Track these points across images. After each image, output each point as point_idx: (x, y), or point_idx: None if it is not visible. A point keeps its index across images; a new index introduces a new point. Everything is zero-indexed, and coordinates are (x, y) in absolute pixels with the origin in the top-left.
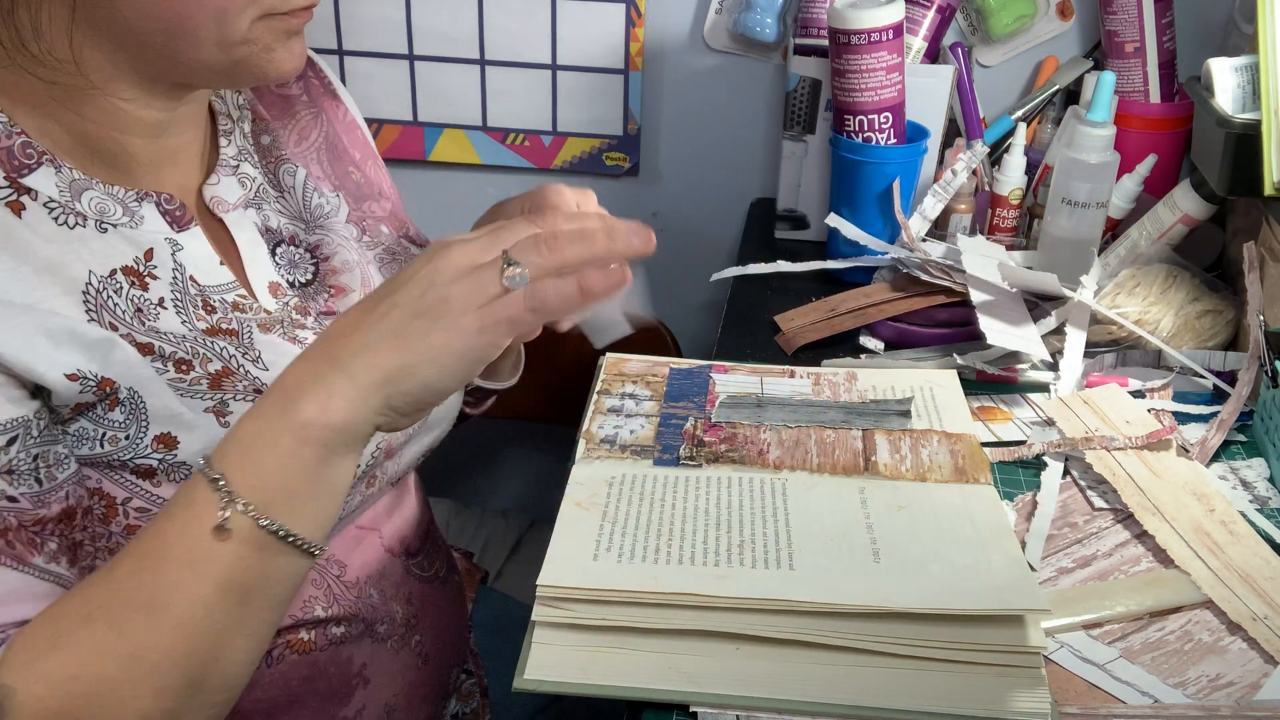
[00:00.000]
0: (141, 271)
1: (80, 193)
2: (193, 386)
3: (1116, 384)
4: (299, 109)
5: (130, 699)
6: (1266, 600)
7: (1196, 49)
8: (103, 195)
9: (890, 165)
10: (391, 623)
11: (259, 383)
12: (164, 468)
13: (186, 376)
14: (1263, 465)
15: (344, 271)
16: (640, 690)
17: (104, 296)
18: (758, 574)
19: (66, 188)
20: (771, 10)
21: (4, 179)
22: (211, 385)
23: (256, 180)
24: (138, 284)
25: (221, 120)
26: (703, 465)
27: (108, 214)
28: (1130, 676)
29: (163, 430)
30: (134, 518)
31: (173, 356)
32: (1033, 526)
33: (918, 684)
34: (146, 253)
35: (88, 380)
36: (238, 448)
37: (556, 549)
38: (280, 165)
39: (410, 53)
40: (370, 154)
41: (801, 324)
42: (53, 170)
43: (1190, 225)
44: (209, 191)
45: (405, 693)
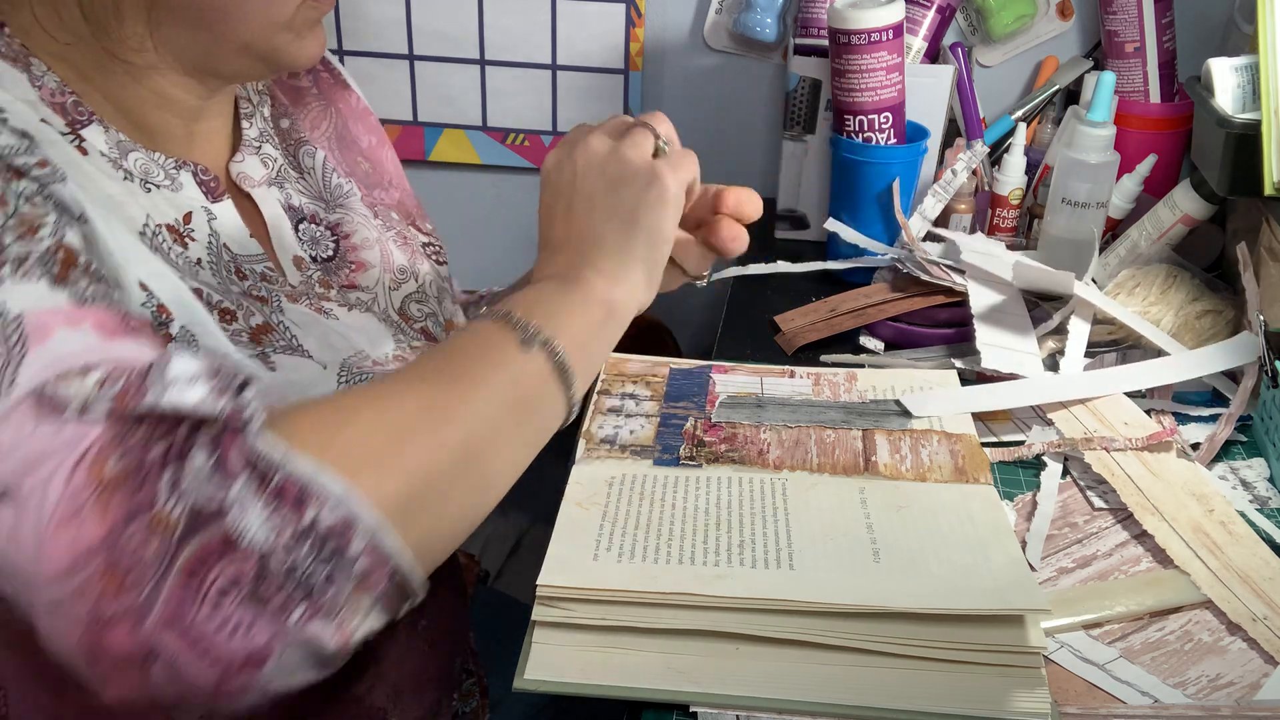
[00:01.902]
0: (182, 232)
1: (126, 153)
2: (234, 338)
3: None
4: (309, 100)
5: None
6: (1266, 600)
7: (1196, 49)
8: (145, 158)
9: (890, 165)
10: None
11: (295, 341)
12: None
13: (230, 326)
14: (1263, 465)
15: (364, 248)
16: (640, 690)
17: (158, 239)
18: (757, 574)
19: (114, 146)
20: (771, 10)
21: (66, 125)
22: (252, 338)
23: (278, 161)
24: (179, 242)
25: (243, 104)
26: (703, 465)
27: (151, 175)
28: (1130, 676)
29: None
30: None
31: (219, 305)
32: (1033, 526)
33: (918, 684)
34: (185, 215)
35: (152, 296)
36: (541, 307)
37: (556, 549)
38: (300, 147)
39: (410, 53)
40: (382, 139)
41: (801, 324)
42: (102, 129)
43: (1190, 225)
44: (235, 168)
45: (412, 676)
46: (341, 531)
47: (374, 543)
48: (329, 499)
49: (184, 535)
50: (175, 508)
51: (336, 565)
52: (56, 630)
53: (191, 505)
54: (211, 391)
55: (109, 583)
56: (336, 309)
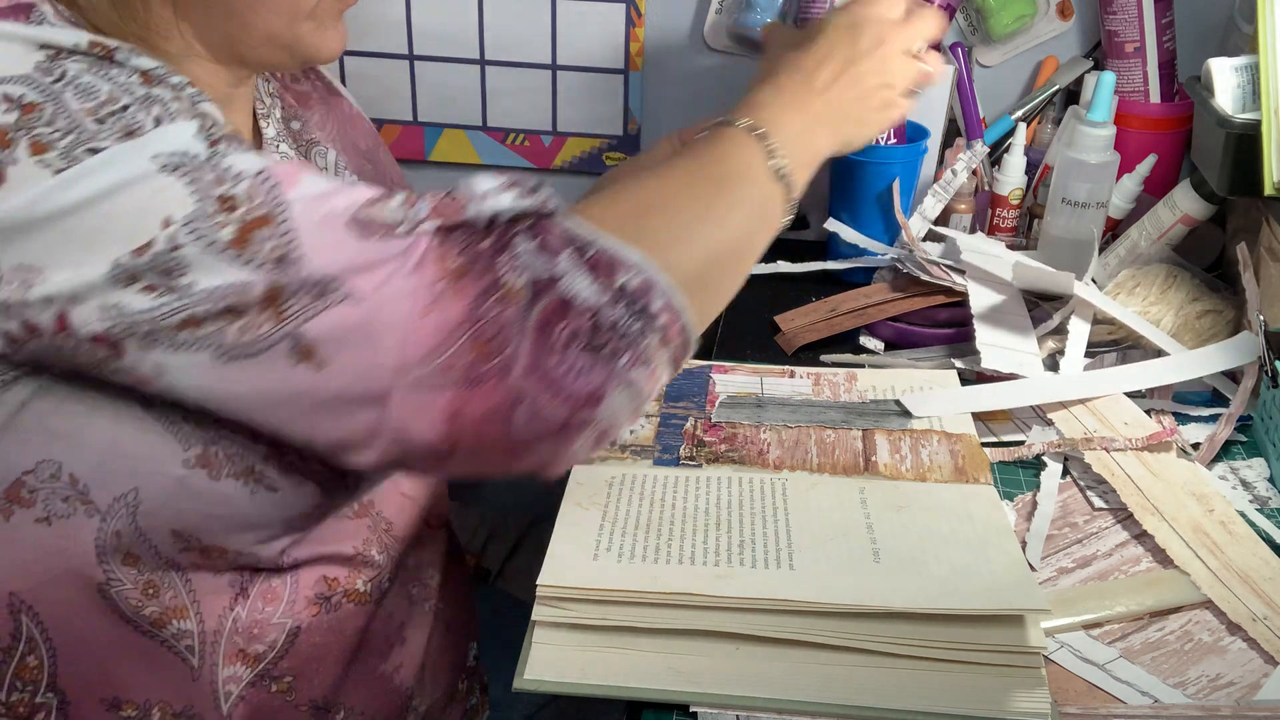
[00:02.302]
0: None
1: None
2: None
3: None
4: (314, 104)
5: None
6: (1266, 600)
7: (1196, 49)
8: None
9: (890, 165)
10: (424, 587)
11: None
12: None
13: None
14: (1263, 465)
15: None
16: (640, 690)
17: None
18: (758, 574)
19: None
20: (771, 10)
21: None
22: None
23: (294, 159)
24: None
25: (258, 104)
26: (703, 465)
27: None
28: (1130, 676)
29: None
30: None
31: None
32: (1033, 526)
33: (918, 684)
34: None
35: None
36: (792, 147)
37: (556, 549)
38: (312, 148)
39: (410, 53)
40: (378, 142)
41: (801, 324)
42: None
43: (1190, 225)
44: None
45: (434, 658)
46: (645, 291)
47: (669, 301)
48: (633, 266)
49: (531, 301)
50: (519, 280)
51: (645, 320)
52: (415, 409)
53: (531, 277)
54: (518, 195)
55: (478, 349)
56: None
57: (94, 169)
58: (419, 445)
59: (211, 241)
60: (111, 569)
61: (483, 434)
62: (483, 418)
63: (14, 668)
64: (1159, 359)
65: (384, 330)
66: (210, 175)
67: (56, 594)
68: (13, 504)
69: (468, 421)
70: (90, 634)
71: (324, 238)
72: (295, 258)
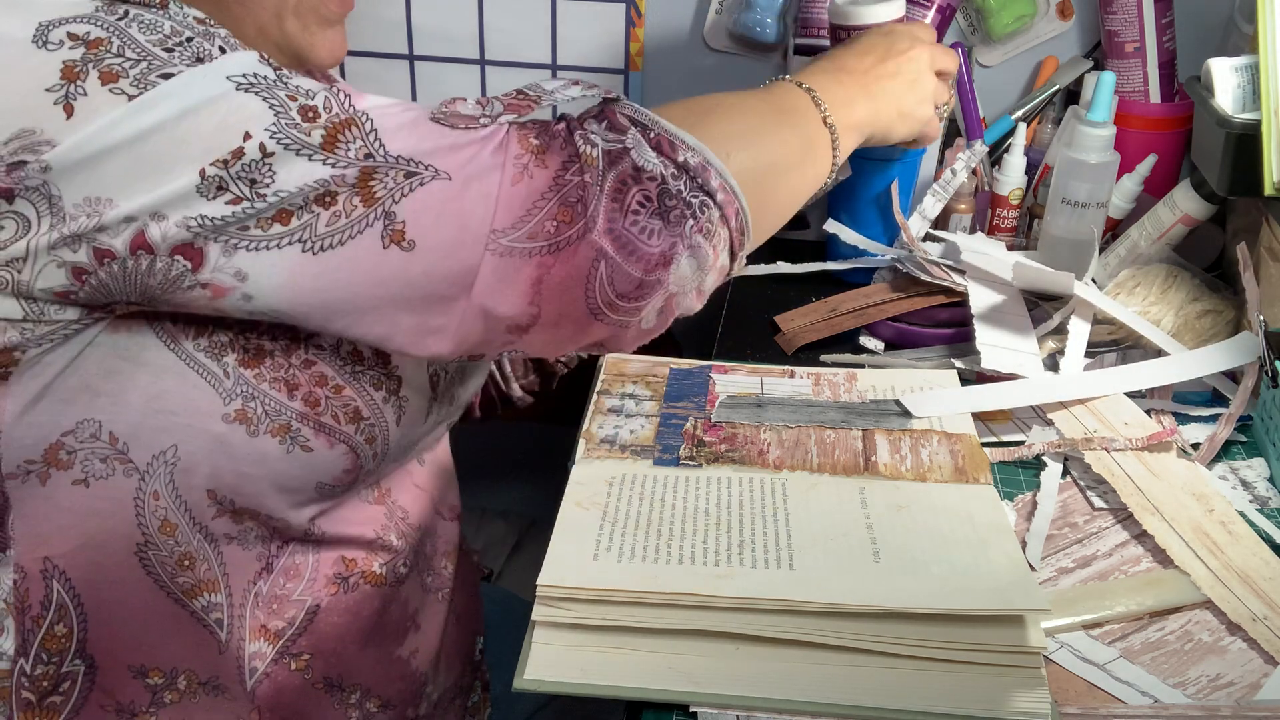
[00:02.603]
0: None
1: None
2: None
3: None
4: None
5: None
6: (1266, 600)
7: (1196, 49)
8: None
9: (891, 165)
10: (438, 576)
11: None
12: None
13: None
14: (1263, 465)
15: None
16: (640, 690)
17: None
18: (758, 574)
19: None
20: (771, 10)
21: None
22: None
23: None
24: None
25: None
26: (703, 465)
27: None
28: (1130, 676)
29: None
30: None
31: None
32: (1033, 526)
33: (918, 684)
34: None
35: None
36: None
37: (556, 549)
38: None
39: (410, 53)
40: None
41: (801, 324)
42: None
43: (1190, 225)
44: None
45: (447, 647)
46: (703, 169)
47: (726, 181)
48: (692, 147)
49: (606, 168)
50: (594, 150)
51: (705, 194)
52: (502, 279)
53: (604, 149)
54: (584, 89)
55: (562, 214)
56: None
57: (170, 93)
58: (502, 318)
59: (302, 146)
60: (150, 532)
61: (564, 298)
62: (564, 281)
63: (41, 637)
64: (1159, 359)
65: (474, 203)
66: (283, 92)
67: (93, 557)
68: (50, 467)
69: (551, 286)
70: (124, 598)
71: (409, 131)
72: (382, 149)
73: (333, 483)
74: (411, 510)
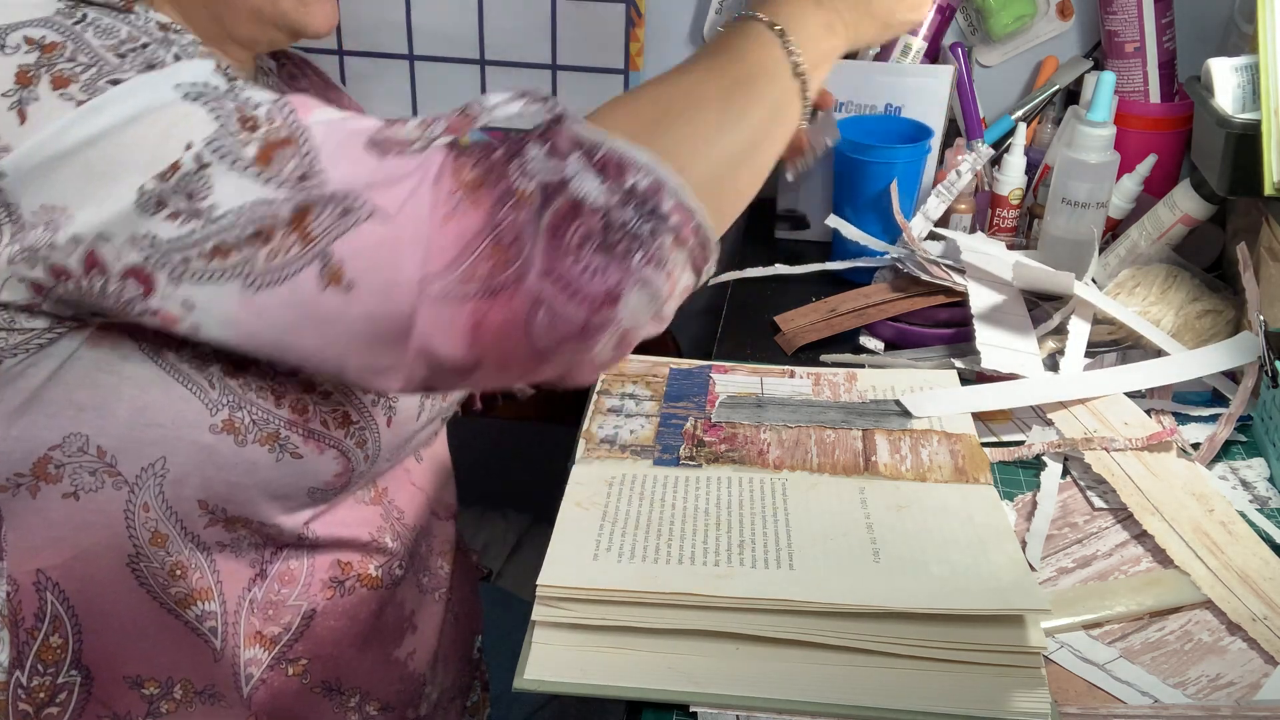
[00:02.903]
0: None
1: None
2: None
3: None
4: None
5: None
6: (1266, 600)
7: (1196, 49)
8: None
9: (893, 165)
10: (434, 577)
11: None
12: None
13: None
14: (1263, 465)
15: None
16: (640, 690)
17: None
18: (758, 574)
19: None
20: None
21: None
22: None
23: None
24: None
25: None
26: (703, 465)
27: None
28: (1130, 676)
29: None
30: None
31: None
32: (1033, 526)
33: (918, 684)
34: None
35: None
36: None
37: (556, 549)
38: None
39: (410, 53)
40: None
41: (801, 324)
42: None
43: (1190, 225)
44: None
45: (445, 648)
46: (655, 191)
47: (681, 201)
48: (642, 167)
49: (543, 204)
50: (530, 185)
51: (657, 220)
52: (440, 324)
53: (541, 181)
54: (527, 104)
55: (496, 256)
56: None
57: (116, 98)
58: (445, 362)
59: (236, 159)
60: (140, 544)
61: (505, 343)
62: (503, 326)
63: (36, 649)
64: (1159, 359)
65: (407, 244)
66: (231, 104)
67: (85, 569)
68: (40, 480)
69: (490, 332)
70: (117, 609)
71: (344, 156)
72: (317, 176)
73: (325, 487)
74: (408, 510)
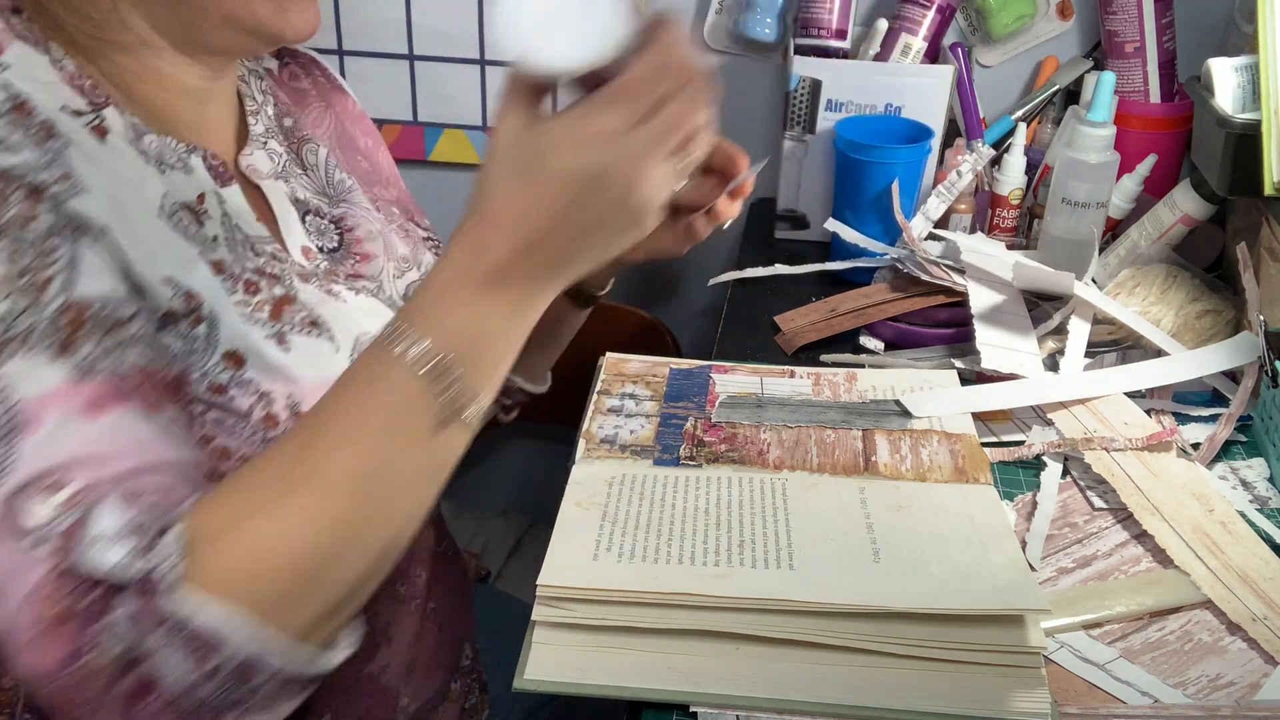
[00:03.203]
0: (198, 211)
1: (141, 135)
2: (255, 312)
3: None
4: (310, 102)
5: (339, 567)
6: (1266, 600)
7: (1196, 49)
8: (159, 141)
9: (893, 165)
10: (412, 585)
11: (315, 314)
12: (235, 382)
13: (253, 299)
14: (1263, 465)
15: (368, 240)
16: (640, 690)
17: (177, 218)
18: (758, 574)
19: (130, 128)
20: (771, 10)
21: (88, 105)
22: (272, 315)
23: (283, 156)
24: (195, 220)
25: (248, 101)
26: (703, 465)
27: (165, 157)
28: (1130, 676)
29: (232, 348)
30: (210, 428)
31: (241, 276)
32: (1033, 526)
33: (918, 684)
34: (199, 196)
35: (179, 285)
36: (464, 339)
37: (556, 549)
38: (303, 145)
39: (410, 53)
40: (378, 141)
41: (801, 324)
42: (117, 112)
43: (1190, 225)
44: (244, 160)
45: (423, 657)
46: (247, 669)
47: (280, 675)
48: (234, 646)
49: (115, 677)
50: (106, 653)
51: (246, 694)
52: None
53: (119, 652)
54: (130, 553)
55: (69, 699)
56: (345, 292)
57: None
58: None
59: None
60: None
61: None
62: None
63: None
64: (1159, 359)
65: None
66: None
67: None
68: None
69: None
70: None
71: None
72: None
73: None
74: None
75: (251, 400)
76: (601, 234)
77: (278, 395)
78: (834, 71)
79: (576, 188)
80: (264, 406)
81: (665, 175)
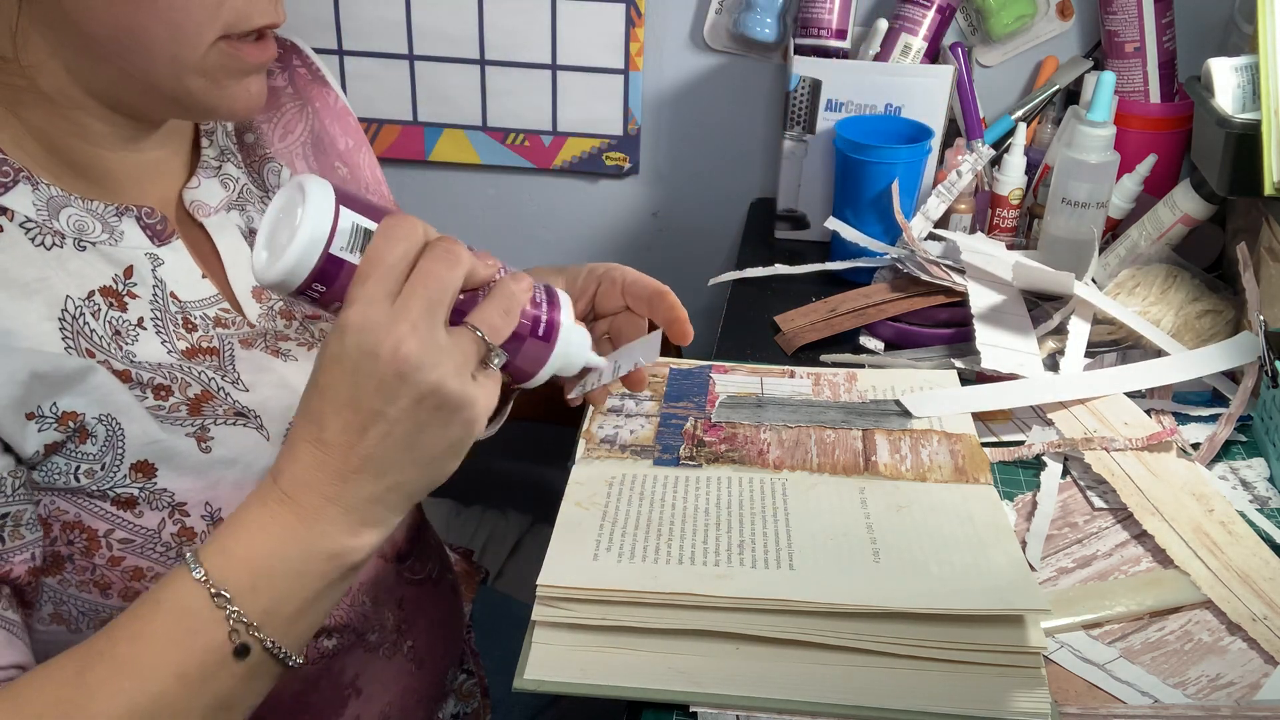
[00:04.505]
0: (120, 291)
1: (58, 210)
2: (171, 413)
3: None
4: (284, 102)
5: None
6: (1266, 600)
7: (1196, 49)
8: (81, 212)
9: (894, 165)
10: (382, 630)
11: (239, 405)
12: (145, 496)
13: (165, 403)
14: (1263, 465)
15: None
16: (640, 690)
17: (81, 321)
18: (758, 574)
19: (44, 205)
20: (771, 10)
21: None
22: (191, 411)
23: (240, 180)
24: (116, 305)
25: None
26: (703, 465)
27: (86, 231)
28: (1130, 676)
29: (140, 458)
30: (117, 549)
31: (151, 383)
32: (1033, 526)
33: (918, 684)
34: (126, 270)
35: (45, 419)
36: (248, 570)
37: (556, 549)
38: (264, 165)
39: (410, 53)
40: (361, 141)
41: (801, 324)
42: (29, 188)
43: (1190, 225)
44: (189, 195)
45: (399, 700)
46: None
47: None
48: None
49: None
50: None
51: None
52: None
53: None
54: None
55: None
56: (295, 349)
57: None
58: None
59: None
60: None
61: None
62: None
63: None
64: (1159, 359)
65: None
66: None
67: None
68: None
69: None
70: None
71: None
72: None
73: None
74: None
75: (163, 516)
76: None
77: (193, 506)
78: (834, 71)
79: (348, 369)
80: (176, 521)
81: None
